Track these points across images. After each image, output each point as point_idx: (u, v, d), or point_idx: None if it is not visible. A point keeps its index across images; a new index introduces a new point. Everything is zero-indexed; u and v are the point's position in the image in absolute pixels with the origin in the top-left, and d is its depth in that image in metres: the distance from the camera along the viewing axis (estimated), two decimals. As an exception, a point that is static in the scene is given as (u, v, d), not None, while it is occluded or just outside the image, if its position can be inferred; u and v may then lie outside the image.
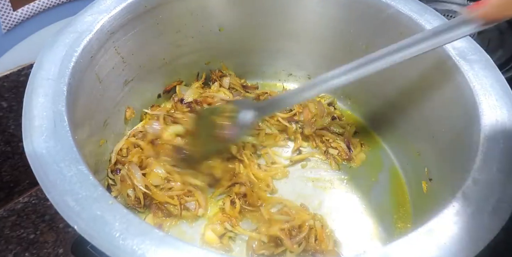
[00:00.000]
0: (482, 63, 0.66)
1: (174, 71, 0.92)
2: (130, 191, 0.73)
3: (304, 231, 0.70)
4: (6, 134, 0.87)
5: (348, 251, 0.73)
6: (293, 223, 0.71)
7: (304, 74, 1.01)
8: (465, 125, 0.63)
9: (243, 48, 0.96)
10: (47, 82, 0.58)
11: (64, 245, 0.90)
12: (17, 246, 0.89)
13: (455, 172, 0.62)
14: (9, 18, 0.77)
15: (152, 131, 0.80)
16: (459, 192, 0.52)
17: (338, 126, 0.93)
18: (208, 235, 0.73)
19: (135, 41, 0.77)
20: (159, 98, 0.94)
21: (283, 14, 0.88)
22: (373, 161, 0.89)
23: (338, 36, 0.88)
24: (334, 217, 0.78)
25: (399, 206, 0.81)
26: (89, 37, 0.65)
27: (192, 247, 0.44)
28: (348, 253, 0.73)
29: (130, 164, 0.75)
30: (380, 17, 0.77)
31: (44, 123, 0.54)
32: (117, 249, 0.44)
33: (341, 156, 0.88)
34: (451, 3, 0.76)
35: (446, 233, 0.48)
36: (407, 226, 0.78)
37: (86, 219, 0.46)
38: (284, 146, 0.91)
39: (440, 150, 0.73)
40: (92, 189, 0.48)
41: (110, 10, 0.69)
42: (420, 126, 0.79)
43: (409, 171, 0.85)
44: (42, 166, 0.50)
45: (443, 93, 0.70)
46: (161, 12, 0.78)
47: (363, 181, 0.85)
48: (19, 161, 0.92)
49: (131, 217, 0.46)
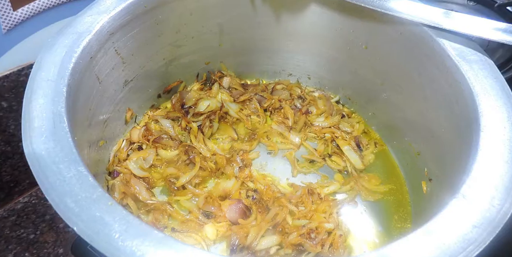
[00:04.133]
0: (482, 63, 0.66)
1: (174, 71, 0.92)
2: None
3: (321, 232, 0.72)
4: (6, 134, 0.87)
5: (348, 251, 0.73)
6: (310, 225, 0.72)
7: (304, 74, 1.02)
8: (465, 125, 0.63)
9: (243, 48, 0.96)
10: (47, 83, 0.58)
11: (64, 245, 0.90)
12: (17, 246, 0.89)
13: (455, 172, 0.62)
14: (9, 18, 0.77)
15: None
16: (459, 192, 0.52)
17: (348, 125, 0.93)
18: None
19: (135, 41, 0.77)
20: (159, 98, 0.94)
21: (283, 14, 0.88)
22: (373, 161, 0.89)
23: (338, 36, 0.87)
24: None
25: (399, 206, 0.81)
26: (89, 38, 0.65)
27: (192, 248, 0.44)
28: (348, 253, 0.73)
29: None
30: (379, 17, 0.77)
31: (44, 124, 0.54)
32: (116, 250, 0.44)
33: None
34: (451, 3, 0.76)
35: (446, 233, 0.48)
36: (407, 226, 0.78)
37: (85, 220, 0.46)
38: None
39: (440, 150, 0.73)
40: (91, 190, 0.48)
41: (109, 11, 0.69)
42: (420, 126, 0.79)
43: (409, 171, 0.85)
44: (41, 167, 0.50)
45: (443, 93, 0.70)
46: (161, 12, 0.78)
47: (364, 181, 0.85)
48: (19, 161, 0.92)
49: (130, 218, 0.46)
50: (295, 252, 0.71)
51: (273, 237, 0.71)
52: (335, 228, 0.74)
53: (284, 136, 0.92)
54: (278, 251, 0.71)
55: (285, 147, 0.90)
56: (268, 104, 0.96)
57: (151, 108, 0.93)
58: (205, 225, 0.74)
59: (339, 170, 0.87)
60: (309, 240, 0.71)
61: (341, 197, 0.82)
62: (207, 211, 0.76)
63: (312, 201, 0.78)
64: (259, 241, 0.71)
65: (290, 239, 0.71)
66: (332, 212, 0.77)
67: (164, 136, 0.85)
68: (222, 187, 0.79)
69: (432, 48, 0.70)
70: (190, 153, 0.83)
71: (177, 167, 0.82)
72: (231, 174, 0.82)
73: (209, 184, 0.82)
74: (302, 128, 0.93)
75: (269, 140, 0.91)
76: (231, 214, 0.75)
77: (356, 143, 0.89)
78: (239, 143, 0.89)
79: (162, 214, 0.75)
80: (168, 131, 0.87)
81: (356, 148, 0.89)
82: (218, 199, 0.78)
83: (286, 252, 0.71)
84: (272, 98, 0.96)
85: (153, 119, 0.90)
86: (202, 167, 0.81)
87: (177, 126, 0.88)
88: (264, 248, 0.70)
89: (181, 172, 0.81)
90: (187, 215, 0.76)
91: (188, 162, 0.82)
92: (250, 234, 0.71)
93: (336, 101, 1.00)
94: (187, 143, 0.85)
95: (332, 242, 0.72)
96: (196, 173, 0.80)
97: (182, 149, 0.84)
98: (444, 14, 0.68)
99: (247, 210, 0.76)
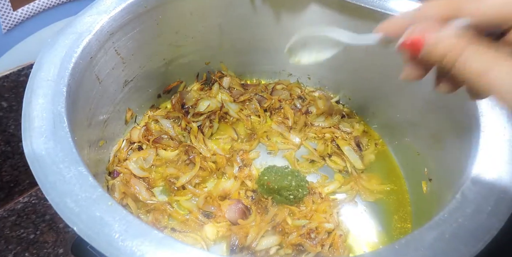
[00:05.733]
0: (482, 63, 0.66)
1: (174, 71, 0.92)
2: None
3: (321, 233, 0.72)
4: (6, 134, 0.87)
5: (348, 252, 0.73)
6: (310, 225, 0.72)
7: (304, 74, 1.02)
8: (465, 125, 0.63)
9: (243, 48, 0.96)
10: (47, 83, 0.58)
11: (64, 245, 0.90)
12: (17, 246, 0.89)
13: (455, 172, 0.62)
14: (9, 18, 0.77)
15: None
16: (459, 192, 0.52)
17: (348, 125, 0.93)
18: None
19: (135, 41, 0.77)
20: (159, 98, 0.94)
21: (283, 14, 0.88)
22: (373, 161, 0.89)
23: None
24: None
25: (399, 206, 0.81)
26: (89, 38, 0.65)
27: (192, 248, 0.44)
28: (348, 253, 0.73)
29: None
30: (379, 17, 0.77)
31: (44, 124, 0.54)
32: (116, 251, 0.44)
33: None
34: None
35: (446, 233, 0.48)
36: (407, 226, 0.78)
37: (85, 221, 0.46)
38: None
39: (440, 150, 0.73)
40: (91, 190, 0.48)
41: (109, 11, 0.69)
42: (420, 126, 0.79)
43: (409, 171, 0.85)
44: (41, 167, 0.50)
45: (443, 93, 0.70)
46: (161, 12, 0.78)
47: (364, 181, 0.85)
48: (19, 161, 0.92)
49: (130, 218, 0.46)
50: (295, 252, 0.71)
51: (273, 237, 0.71)
52: (335, 228, 0.74)
53: (284, 136, 0.92)
54: (278, 251, 0.71)
55: (285, 147, 0.90)
56: (268, 104, 0.96)
57: (151, 108, 0.93)
58: (205, 225, 0.74)
59: (339, 170, 0.87)
60: (309, 240, 0.71)
61: (341, 197, 0.82)
62: (207, 211, 0.76)
63: (313, 201, 0.78)
64: (259, 241, 0.71)
65: (290, 239, 0.71)
66: (332, 212, 0.77)
67: (164, 136, 0.85)
68: (221, 187, 0.79)
69: (432, 48, 0.70)
70: (190, 153, 0.83)
71: (177, 167, 0.82)
72: (231, 174, 0.82)
73: (209, 184, 0.82)
74: (302, 128, 0.93)
75: (269, 140, 0.91)
76: (230, 214, 0.75)
77: (356, 143, 0.89)
78: (239, 143, 0.89)
79: (162, 214, 0.75)
80: (168, 131, 0.87)
81: (356, 148, 0.88)
82: (217, 199, 0.78)
83: (286, 252, 0.71)
84: (272, 98, 0.96)
85: (153, 119, 0.90)
86: (202, 167, 0.81)
87: (177, 126, 0.88)
88: (264, 248, 0.70)
89: (181, 172, 0.81)
90: (187, 215, 0.76)
91: (188, 162, 0.82)
92: (250, 234, 0.71)
93: (336, 101, 1.00)
94: (187, 143, 0.85)
95: (332, 242, 0.72)
96: (196, 173, 0.80)
97: (182, 149, 0.84)
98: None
99: (246, 210, 0.76)
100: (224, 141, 0.90)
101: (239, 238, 0.71)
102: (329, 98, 0.99)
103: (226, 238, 0.73)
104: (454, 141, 0.67)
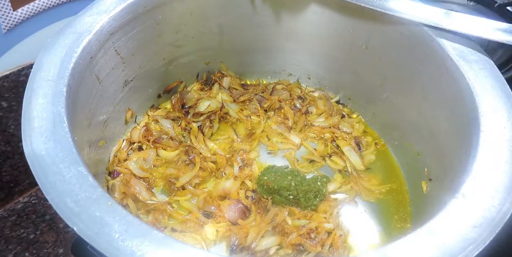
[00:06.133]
0: (482, 63, 0.66)
1: (174, 71, 0.92)
2: None
3: (321, 232, 0.72)
4: (6, 134, 0.87)
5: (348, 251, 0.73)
6: (310, 225, 0.72)
7: (304, 74, 1.02)
8: (465, 125, 0.63)
9: (243, 48, 0.96)
10: (47, 83, 0.58)
11: (64, 245, 0.90)
12: (17, 246, 0.89)
13: (455, 172, 0.62)
14: (9, 18, 0.77)
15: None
16: (459, 192, 0.52)
17: (348, 125, 0.93)
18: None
19: (135, 41, 0.77)
20: (159, 98, 0.94)
21: (283, 14, 0.88)
22: (373, 161, 0.89)
23: (338, 36, 0.87)
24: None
25: (399, 206, 0.81)
26: (89, 38, 0.65)
27: (192, 248, 0.44)
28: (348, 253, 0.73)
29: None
30: (379, 17, 0.77)
31: (44, 124, 0.54)
32: (116, 250, 0.44)
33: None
34: (451, 3, 0.76)
35: (446, 233, 0.48)
36: (407, 226, 0.78)
37: (85, 221, 0.46)
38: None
39: (440, 150, 0.73)
40: (91, 190, 0.48)
41: (109, 11, 0.69)
42: (420, 126, 0.79)
43: (409, 171, 0.85)
44: (41, 167, 0.50)
45: (443, 93, 0.70)
46: (161, 12, 0.78)
47: (364, 181, 0.85)
48: (19, 161, 0.92)
49: (130, 218, 0.46)
50: (295, 252, 0.71)
51: (272, 237, 0.71)
52: (335, 228, 0.74)
53: (284, 136, 0.92)
54: (278, 251, 0.71)
55: (285, 147, 0.90)
56: (268, 105, 0.96)
57: (151, 108, 0.93)
58: (205, 225, 0.74)
59: (339, 170, 0.87)
60: (309, 240, 0.71)
61: (341, 197, 0.82)
62: (207, 211, 0.76)
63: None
64: (259, 242, 0.71)
65: (290, 239, 0.71)
66: (332, 212, 0.77)
67: (164, 136, 0.85)
68: (221, 187, 0.79)
69: (432, 48, 0.70)
70: (190, 153, 0.83)
71: (177, 167, 0.82)
72: (231, 174, 0.82)
73: (209, 184, 0.82)
74: (302, 128, 0.93)
75: (269, 140, 0.91)
76: (230, 214, 0.75)
77: (356, 143, 0.89)
78: (239, 143, 0.89)
79: (162, 214, 0.75)
80: (168, 131, 0.87)
81: (356, 148, 0.88)
82: (217, 199, 0.78)
83: (286, 252, 0.71)
84: (272, 99, 0.96)
85: (153, 119, 0.90)
86: (202, 167, 0.81)
87: (177, 126, 0.88)
88: (264, 248, 0.70)
89: (181, 172, 0.81)
90: (187, 215, 0.76)
91: (188, 162, 0.82)
92: (250, 235, 0.71)
93: (336, 101, 1.00)
94: (187, 143, 0.85)
95: (332, 242, 0.72)
96: (196, 173, 0.80)
97: (182, 149, 0.84)
98: (444, 14, 0.69)
99: (246, 210, 0.76)
100: (224, 141, 0.90)
101: (239, 238, 0.71)
102: (329, 98, 0.99)
103: (226, 238, 0.73)
104: (454, 141, 0.67)
